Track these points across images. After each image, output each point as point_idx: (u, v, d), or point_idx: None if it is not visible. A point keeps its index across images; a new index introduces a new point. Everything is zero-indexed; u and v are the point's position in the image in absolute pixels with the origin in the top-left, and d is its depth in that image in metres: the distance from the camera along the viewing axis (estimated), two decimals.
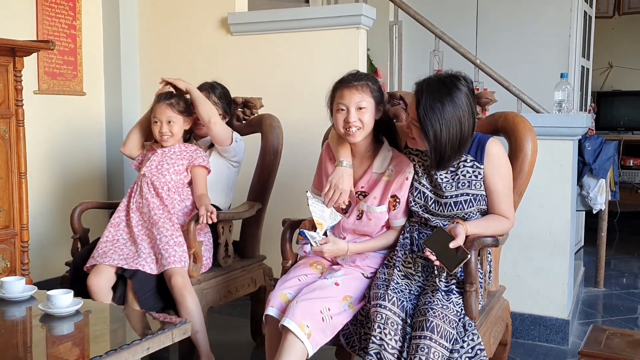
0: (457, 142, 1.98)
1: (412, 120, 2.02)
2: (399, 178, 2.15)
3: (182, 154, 2.61)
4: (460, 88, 1.97)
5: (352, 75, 2.18)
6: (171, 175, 2.57)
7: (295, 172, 3.33)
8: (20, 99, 2.80)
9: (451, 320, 1.84)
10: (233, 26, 3.63)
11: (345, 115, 2.13)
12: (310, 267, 2.22)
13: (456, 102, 1.95)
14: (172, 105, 2.57)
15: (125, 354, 1.50)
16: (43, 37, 3.50)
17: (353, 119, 2.12)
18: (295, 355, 1.92)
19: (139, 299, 2.31)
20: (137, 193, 2.57)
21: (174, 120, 2.58)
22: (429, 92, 1.97)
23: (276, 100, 3.28)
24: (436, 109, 1.94)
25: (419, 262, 2.09)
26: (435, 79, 2.03)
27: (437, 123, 1.94)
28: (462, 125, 1.96)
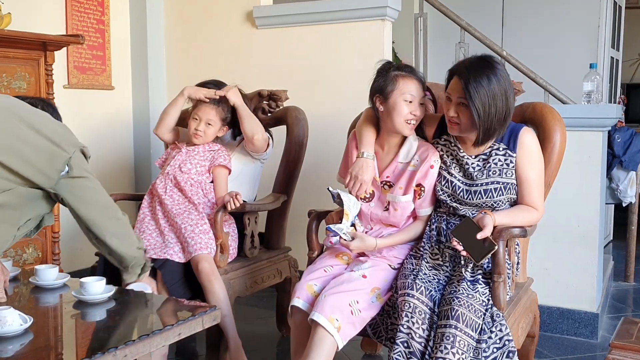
0: (504, 114, 1.99)
1: (459, 101, 2.01)
2: (424, 166, 2.15)
3: (205, 155, 2.65)
4: (497, 65, 2.00)
5: (409, 67, 2.20)
6: (192, 175, 2.61)
7: (320, 164, 3.34)
8: (51, 93, 2.86)
9: (477, 310, 1.84)
10: (258, 19, 3.65)
11: (413, 108, 2.14)
12: (336, 258, 2.24)
13: (500, 77, 1.97)
14: (217, 109, 2.61)
15: (157, 339, 1.52)
16: (72, 32, 3.55)
17: (419, 113, 2.15)
18: (326, 349, 1.93)
19: (168, 288, 2.35)
20: (160, 189, 2.60)
21: (212, 123, 2.62)
22: (472, 69, 1.98)
23: (301, 93, 3.29)
24: (483, 83, 1.95)
25: (447, 253, 2.09)
26: (472, 58, 2.04)
27: (486, 97, 1.95)
28: (508, 98, 1.98)
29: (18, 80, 2.71)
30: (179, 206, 2.55)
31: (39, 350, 1.49)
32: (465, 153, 2.11)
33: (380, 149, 2.26)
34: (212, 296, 2.37)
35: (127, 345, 1.45)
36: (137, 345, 1.47)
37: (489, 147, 2.09)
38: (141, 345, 1.48)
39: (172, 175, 2.60)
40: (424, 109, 2.20)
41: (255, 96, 3.01)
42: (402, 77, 2.15)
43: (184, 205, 2.56)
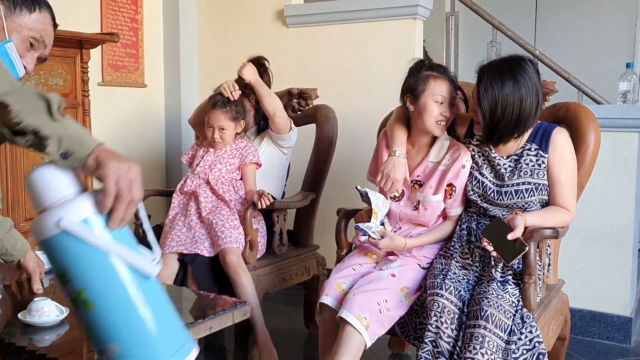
0: (514, 121, 1.96)
1: (474, 100, 2.02)
2: (455, 166, 2.14)
3: (233, 153, 2.68)
4: (525, 68, 1.96)
5: (442, 67, 2.18)
6: (223, 174, 2.65)
7: (349, 162, 3.34)
8: (87, 90, 2.92)
9: (506, 311, 1.83)
10: (289, 18, 3.67)
11: (443, 109, 2.13)
12: (365, 257, 2.24)
13: (518, 80, 1.94)
14: (225, 113, 2.62)
15: (189, 332, 1.55)
16: (107, 30, 3.62)
17: (449, 114, 2.14)
18: (354, 347, 1.94)
19: (198, 283, 2.39)
20: (191, 188, 2.64)
21: (226, 128, 2.63)
22: (491, 70, 1.98)
23: (331, 91, 3.30)
24: (495, 85, 1.94)
25: (477, 253, 2.08)
26: (499, 59, 2.03)
27: (494, 99, 1.94)
28: (522, 104, 1.94)
29: (55, 78, 2.78)
30: (210, 203, 2.59)
31: (75, 340, 1.53)
32: (496, 154, 2.10)
33: (411, 148, 2.26)
34: (240, 289, 2.40)
35: None
36: None
37: (521, 147, 2.07)
38: None
39: (203, 174, 2.64)
40: (455, 110, 2.19)
41: (285, 94, 3.04)
42: (434, 78, 2.13)
43: (216, 202, 2.59)
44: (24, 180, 1.62)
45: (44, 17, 1.48)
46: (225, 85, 2.67)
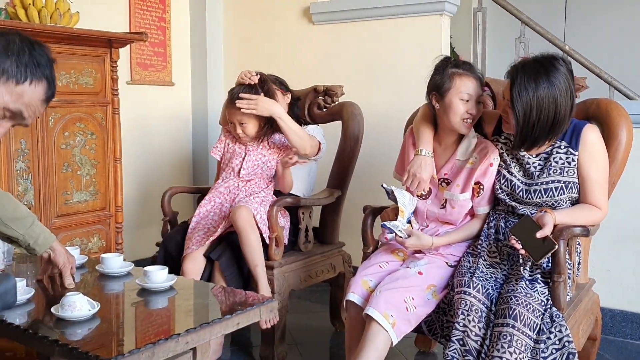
0: (549, 124, 1.92)
1: (507, 102, 1.99)
2: (483, 164, 2.12)
3: (271, 149, 2.65)
4: (558, 68, 1.92)
5: (468, 65, 2.16)
6: (265, 172, 2.64)
7: (375, 160, 3.33)
8: (116, 88, 2.96)
9: (535, 309, 1.80)
10: (315, 15, 3.67)
11: (469, 107, 2.11)
12: (391, 254, 2.23)
13: (553, 82, 1.90)
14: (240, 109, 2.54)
15: (217, 328, 1.56)
16: (135, 29, 3.66)
17: (475, 112, 2.12)
18: (380, 344, 1.94)
19: (225, 277, 2.40)
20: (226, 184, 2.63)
21: (245, 122, 2.57)
22: (524, 71, 1.93)
23: (357, 88, 3.29)
24: (530, 88, 1.90)
25: (505, 251, 2.06)
26: (532, 59, 1.98)
27: (529, 103, 1.90)
28: (557, 106, 1.90)
29: (85, 77, 2.82)
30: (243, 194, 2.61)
31: (105, 334, 1.55)
32: (525, 152, 2.07)
33: (438, 146, 2.25)
34: (247, 246, 2.39)
35: (189, 333, 1.49)
36: (198, 333, 1.51)
37: (550, 145, 2.04)
38: (202, 333, 1.52)
39: (237, 170, 2.62)
40: (481, 107, 2.16)
41: (311, 91, 3.04)
42: (459, 76, 2.11)
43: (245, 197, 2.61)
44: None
45: (34, 90, 1.43)
46: (242, 74, 2.61)
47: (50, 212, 2.73)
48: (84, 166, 2.85)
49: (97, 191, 2.92)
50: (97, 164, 2.91)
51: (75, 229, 2.84)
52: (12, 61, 1.40)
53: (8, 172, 2.53)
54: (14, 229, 1.74)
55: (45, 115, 2.67)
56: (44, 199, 2.69)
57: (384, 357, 1.96)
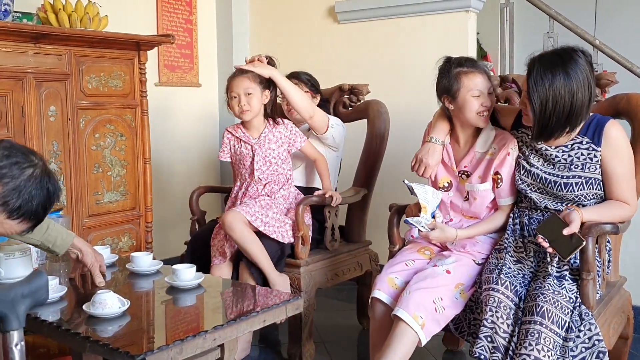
0: (565, 115, 1.90)
1: (524, 93, 1.98)
2: (501, 154, 2.13)
3: (278, 141, 2.59)
4: (577, 60, 1.89)
5: (470, 61, 2.19)
6: (279, 166, 2.59)
7: (401, 158, 3.31)
8: (144, 90, 3.01)
9: (563, 307, 1.78)
10: (340, 14, 3.68)
11: (483, 100, 2.13)
12: (418, 253, 2.23)
13: (569, 73, 1.88)
14: (248, 77, 2.48)
15: (243, 325, 1.59)
16: (163, 32, 3.72)
17: (489, 104, 2.14)
18: (407, 344, 1.94)
19: (252, 275, 2.41)
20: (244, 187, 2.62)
21: (252, 92, 2.47)
22: (541, 62, 1.92)
23: (383, 87, 3.29)
24: (546, 79, 1.88)
25: (531, 247, 2.04)
26: (550, 51, 1.98)
27: (545, 94, 1.88)
28: (573, 98, 1.88)
29: (114, 79, 2.88)
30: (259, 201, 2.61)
31: (135, 331, 1.58)
32: (544, 144, 2.05)
33: (455, 143, 2.27)
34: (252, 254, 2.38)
35: (216, 330, 1.52)
36: (225, 330, 1.54)
37: (572, 140, 2.01)
38: (229, 330, 1.55)
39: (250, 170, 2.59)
40: (494, 97, 2.19)
41: (337, 90, 3.05)
42: (465, 74, 2.14)
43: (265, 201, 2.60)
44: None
45: (18, 225, 1.50)
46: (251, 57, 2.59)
47: (82, 212, 2.79)
48: (114, 167, 2.91)
49: (127, 191, 2.97)
50: (126, 165, 2.96)
51: (106, 229, 2.89)
52: (15, 200, 1.48)
53: None
54: (30, 237, 1.79)
55: (76, 118, 2.73)
56: (75, 199, 2.75)
57: (409, 357, 1.96)
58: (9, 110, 2.50)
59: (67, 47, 2.66)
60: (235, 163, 2.65)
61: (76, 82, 2.72)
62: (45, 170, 1.52)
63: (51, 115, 2.64)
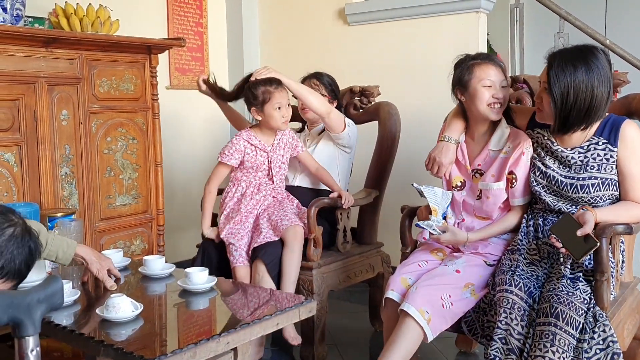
0: (585, 109, 1.90)
1: (543, 85, 1.97)
2: (516, 153, 2.12)
3: (285, 147, 2.69)
4: (597, 55, 1.90)
5: (485, 55, 2.20)
6: (282, 172, 2.68)
7: (413, 159, 3.31)
8: (156, 94, 3.01)
9: (577, 308, 1.77)
10: (350, 16, 3.68)
11: (494, 92, 2.13)
12: (430, 254, 2.23)
13: (591, 68, 1.88)
14: (286, 89, 2.58)
15: (257, 328, 1.59)
16: (174, 35, 3.73)
17: (500, 95, 2.13)
18: (412, 339, 1.94)
19: (267, 265, 2.41)
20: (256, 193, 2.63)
21: (288, 104, 2.60)
22: (563, 55, 1.92)
23: (393, 88, 3.28)
24: (567, 71, 1.88)
25: (545, 249, 2.03)
26: (571, 47, 1.97)
27: (566, 85, 1.88)
28: (594, 92, 1.88)
29: (126, 83, 2.89)
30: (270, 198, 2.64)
31: (148, 335, 1.59)
32: (559, 146, 2.04)
33: (470, 140, 2.26)
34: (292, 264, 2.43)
35: (229, 333, 1.52)
36: (238, 333, 1.54)
37: (587, 140, 2.00)
38: (242, 334, 1.55)
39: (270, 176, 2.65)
40: (508, 91, 2.18)
41: (348, 92, 3.05)
42: (478, 64, 2.15)
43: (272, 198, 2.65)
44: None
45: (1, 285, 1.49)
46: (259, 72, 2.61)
47: (95, 216, 2.80)
48: (125, 170, 2.92)
49: (139, 194, 2.98)
50: (138, 168, 2.98)
51: (119, 232, 2.90)
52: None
53: (53, 177, 2.61)
54: None
55: (88, 121, 2.74)
56: (88, 203, 2.76)
57: (413, 352, 1.95)
58: (22, 115, 2.51)
59: (78, 51, 2.68)
60: (246, 169, 2.64)
61: (88, 86, 2.73)
62: (25, 228, 1.52)
63: (63, 120, 2.65)
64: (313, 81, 2.84)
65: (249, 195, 2.62)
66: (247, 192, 2.63)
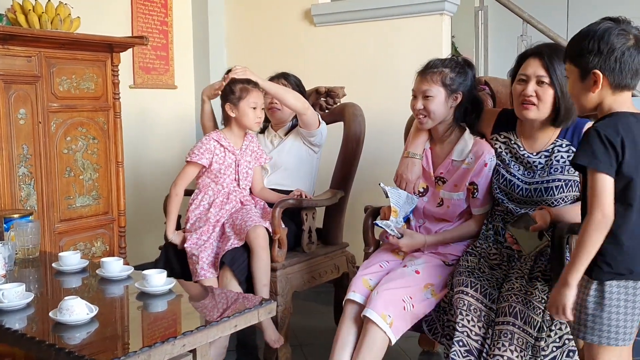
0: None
1: (538, 79, 1.96)
2: (478, 164, 2.13)
3: (252, 154, 2.68)
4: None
5: (432, 62, 2.21)
6: (249, 177, 2.67)
7: (377, 160, 3.33)
8: (117, 92, 2.97)
9: (535, 307, 1.79)
10: (316, 17, 3.68)
11: (413, 102, 2.19)
12: (391, 254, 2.24)
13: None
14: (262, 93, 2.59)
15: (214, 330, 1.57)
16: (137, 33, 3.68)
17: (418, 107, 2.16)
18: (378, 345, 1.95)
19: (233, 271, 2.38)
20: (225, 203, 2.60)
21: (263, 107, 2.62)
22: (552, 48, 1.96)
23: (359, 89, 3.29)
24: (561, 61, 1.91)
25: (505, 253, 2.05)
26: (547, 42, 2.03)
27: (563, 76, 1.90)
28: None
29: (86, 81, 2.84)
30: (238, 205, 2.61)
31: (103, 338, 1.56)
32: (525, 151, 2.06)
33: (435, 147, 2.28)
34: (260, 266, 2.41)
35: (185, 336, 1.49)
36: (195, 336, 1.52)
37: (551, 143, 2.02)
38: (199, 336, 1.53)
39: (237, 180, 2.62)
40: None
41: (313, 93, 3.04)
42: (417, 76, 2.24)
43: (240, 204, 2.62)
44: None
45: None
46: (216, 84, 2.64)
47: (54, 217, 2.74)
48: (86, 170, 2.86)
49: (99, 195, 2.93)
50: (99, 168, 2.92)
51: (79, 234, 2.85)
52: None
53: (10, 177, 2.55)
54: None
55: (47, 121, 2.68)
56: (47, 204, 2.70)
57: (381, 358, 1.96)
58: None
59: (36, 49, 2.62)
60: (213, 171, 2.60)
61: (47, 85, 2.67)
62: None
63: (21, 119, 2.59)
64: (281, 81, 2.83)
65: (218, 205, 2.58)
66: (216, 202, 2.58)
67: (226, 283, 2.39)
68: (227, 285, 2.38)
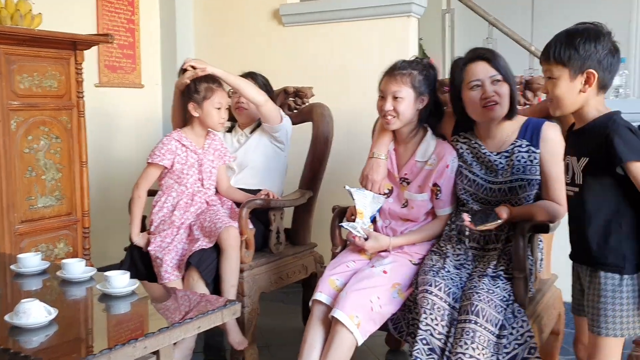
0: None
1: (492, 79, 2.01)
2: (440, 166, 2.15)
3: (215, 153, 2.64)
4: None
5: (399, 64, 2.22)
6: (213, 176, 2.64)
7: (345, 160, 3.33)
8: (81, 91, 2.92)
9: (497, 305, 1.82)
10: (285, 17, 3.67)
11: (381, 103, 2.19)
12: (358, 254, 2.24)
13: None
14: (227, 93, 2.58)
15: (177, 332, 1.55)
16: (103, 31, 3.62)
17: (387, 107, 2.16)
18: (346, 345, 1.96)
19: (201, 272, 2.35)
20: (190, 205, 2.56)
21: (227, 107, 2.60)
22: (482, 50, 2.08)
23: (327, 90, 3.29)
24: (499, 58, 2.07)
25: (470, 253, 2.08)
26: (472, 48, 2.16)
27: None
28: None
29: (49, 79, 2.78)
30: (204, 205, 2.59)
31: (62, 342, 1.52)
32: (486, 150, 2.09)
33: (399, 148, 2.29)
34: (230, 267, 2.39)
35: (147, 338, 1.47)
36: (156, 337, 1.50)
37: (511, 144, 2.06)
38: (161, 338, 1.51)
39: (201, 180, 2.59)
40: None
41: (281, 93, 3.04)
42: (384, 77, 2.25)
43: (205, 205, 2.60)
44: None
45: None
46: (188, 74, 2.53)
47: (14, 218, 2.68)
48: (48, 170, 2.81)
49: (62, 196, 2.87)
50: (62, 168, 2.87)
51: (41, 235, 2.79)
52: None
53: None
54: None
55: (6, 119, 2.62)
56: (7, 204, 2.64)
57: (348, 359, 1.96)
58: None
59: None
60: (174, 171, 2.56)
61: (6, 82, 2.61)
62: None
63: None
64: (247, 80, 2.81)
65: (182, 208, 2.54)
66: (180, 204, 2.55)
67: (192, 284, 2.36)
68: (193, 287, 2.35)
